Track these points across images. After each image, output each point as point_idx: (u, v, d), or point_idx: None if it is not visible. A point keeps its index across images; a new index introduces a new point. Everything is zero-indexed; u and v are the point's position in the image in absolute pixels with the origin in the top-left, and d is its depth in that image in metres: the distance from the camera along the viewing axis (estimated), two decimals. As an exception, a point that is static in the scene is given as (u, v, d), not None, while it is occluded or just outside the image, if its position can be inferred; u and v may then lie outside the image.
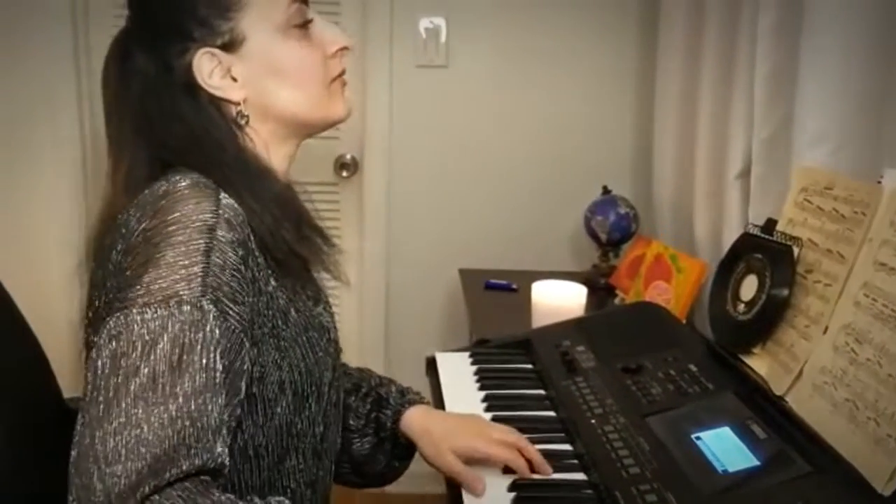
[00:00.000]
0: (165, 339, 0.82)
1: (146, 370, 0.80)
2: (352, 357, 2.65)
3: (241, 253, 0.92)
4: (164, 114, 1.00)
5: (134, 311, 0.83)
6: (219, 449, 0.81)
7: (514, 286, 2.18)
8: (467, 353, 1.49)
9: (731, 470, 1.02)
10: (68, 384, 1.29)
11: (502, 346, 1.52)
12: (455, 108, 2.46)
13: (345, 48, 1.08)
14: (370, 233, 2.54)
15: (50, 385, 1.26)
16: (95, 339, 0.86)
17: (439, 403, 1.34)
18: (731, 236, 1.59)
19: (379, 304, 2.60)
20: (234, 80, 1.01)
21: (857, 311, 1.05)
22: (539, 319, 1.70)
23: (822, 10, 1.37)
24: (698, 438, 1.09)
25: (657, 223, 2.24)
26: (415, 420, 1.20)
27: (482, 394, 1.32)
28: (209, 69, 1.00)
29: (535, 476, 1.08)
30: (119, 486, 0.75)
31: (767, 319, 1.21)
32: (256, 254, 0.96)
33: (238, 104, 1.02)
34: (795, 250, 1.22)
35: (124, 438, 0.77)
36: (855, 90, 1.38)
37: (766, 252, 1.27)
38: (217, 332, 0.86)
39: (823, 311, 1.12)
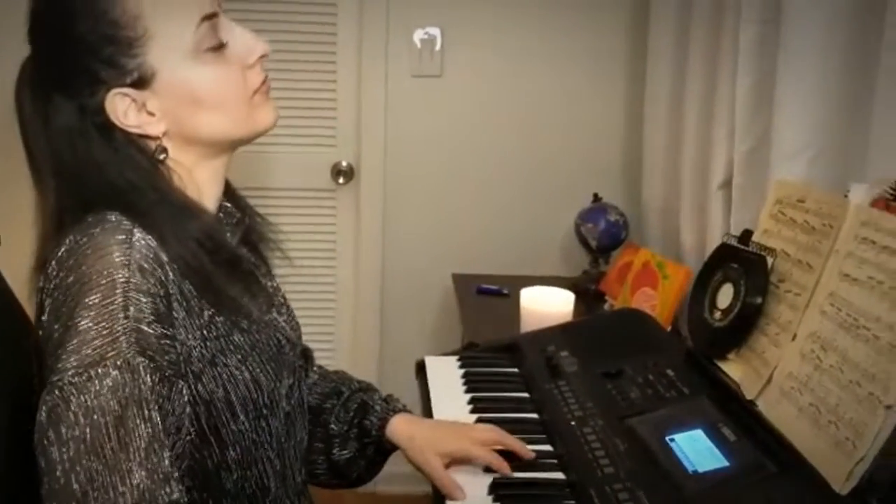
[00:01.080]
0: (102, 405, 0.82)
1: (92, 442, 0.81)
2: (346, 360, 2.72)
3: (161, 294, 0.91)
4: (78, 161, 0.98)
5: (66, 382, 0.83)
6: (176, 495, 0.83)
7: (506, 291, 2.23)
8: (455, 357, 1.53)
9: (700, 470, 1.06)
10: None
11: (490, 351, 1.57)
12: (449, 116, 2.51)
13: (263, 56, 1.04)
14: (366, 238, 2.59)
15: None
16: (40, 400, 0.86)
17: (427, 405, 1.39)
18: (713, 245, 1.62)
19: (374, 308, 2.64)
20: (151, 114, 0.99)
21: (822, 319, 1.11)
22: (527, 325, 1.74)
23: (798, 29, 1.43)
24: (672, 440, 1.14)
25: (646, 230, 2.29)
26: (400, 427, 1.23)
27: (468, 396, 1.37)
28: (123, 108, 0.97)
29: (516, 475, 1.13)
30: None
31: (741, 327, 1.26)
32: (181, 288, 0.96)
33: (158, 138, 1.00)
34: (769, 260, 1.27)
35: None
36: (830, 105, 1.44)
37: (741, 262, 1.31)
38: (149, 383, 0.86)
39: (793, 319, 1.17)
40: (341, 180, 2.58)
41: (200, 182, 1.05)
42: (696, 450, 1.11)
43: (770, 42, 1.54)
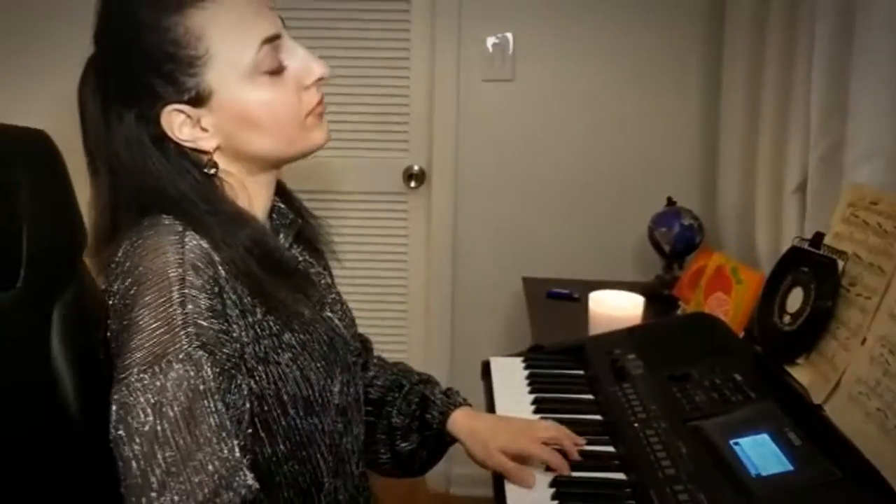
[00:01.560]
0: (169, 399, 0.86)
1: (164, 434, 0.85)
2: (418, 362, 2.75)
3: (215, 291, 0.95)
4: (134, 166, 1.02)
5: (133, 379, 0.88)
6: (249, 480, 0.87)
7: (576, 295, 2.22)
8: (520, 359, 1.55)
9: (764, 474, 1.05)
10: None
11: (555, 353, 1.58)
12: (520, 120, 2.53)
13: (321, 79, 1.06)
14: (437, 242, 2.62)
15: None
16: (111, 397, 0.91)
17: (491, 405, 1.41)
18: (788, 249, 1.62)
19: (445, 310, 2.67)
20: (205, 130, 1.02)
21: (892, 323, 1.08)
22: (596, 328, 1.74)
23: (873, 31, 1.40)
24: (736, 444, 1.13)
25: (721, 235, 2.26)
26: (461, 421, 1.26)
27: (532, 396, 1.39)
28: (178, 123, 1.01)
29: (577, 474, 1.14)
30: None
31: (811, 331, 1.24)
32: (234, 287, 0.99)
33: (210, 153, 1.04)
34: (840, 264, 1.25)
35: (168, 499, 0.83)
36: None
37: (812, 265, 1.30)
38: (211, 375, 0.90)
39: (863, 322, 1.15)
40: (413, 184, 2.61)
41: (251, 191, 1.08)
42: (760, 453, 1.10)
43: (845, 43, 1.51)
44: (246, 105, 1.01)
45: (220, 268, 0.98)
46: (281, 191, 1.19)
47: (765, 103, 1.91)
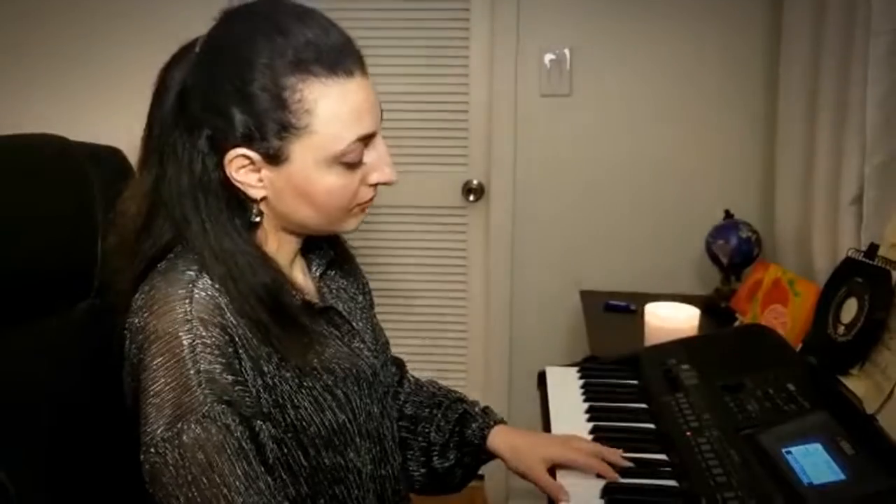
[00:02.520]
0: (195, 456, 0.91)
1: (195, 493, 0.90)
2: (477, 372, 2.79)
3: (225, 341, 0.96)
4: (184, 171, 1.01)
5: (157, 441, 0.92)
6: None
7: (633, 307, 2.24)
8: (576, 369, 1.58)
9: (816, 483, 1.06)
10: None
11: (610, 363, 1.60)
12: (577, 134, 2.55)
13: (385, 183, 1.07)
14: (495, 255, 2.65)
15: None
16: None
17: (546, 414, 1.43)
18: (845, 262, 1.61)
19: (504, 323, 2.70)
20: (261, 181, 1.01)
21: (945, 333, 1.09)
22: (651, 339, 1.75)
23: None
24: (788, 453, 1.14)
25: (779, 247, 2.25)
26: (501, 437, 1.28)
27: (586, 405, 1.41)
28: (239, 165, 1.00)
29: (628, 480, 1.17)
30: None
31: (865, 341, 1.24)
32: (247, 336, 0.99)
33: (256, 202, 1.03)
34: (894, 274, 1.25)
35: None
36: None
37: (866, 276, 1.30)
38: (232, 426, 0.93)
39: (916, 333, 1.15)
40: (472, 198, 2.65)
41: (280, 240, 1.09)
42: (812, 462, 1.10)
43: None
44: (310, 184, 1.01)
45: (229, 315, 0.98)
46: None
47: (821, 116, 1.91)
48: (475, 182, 2.65)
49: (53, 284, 1.22)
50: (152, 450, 0.92)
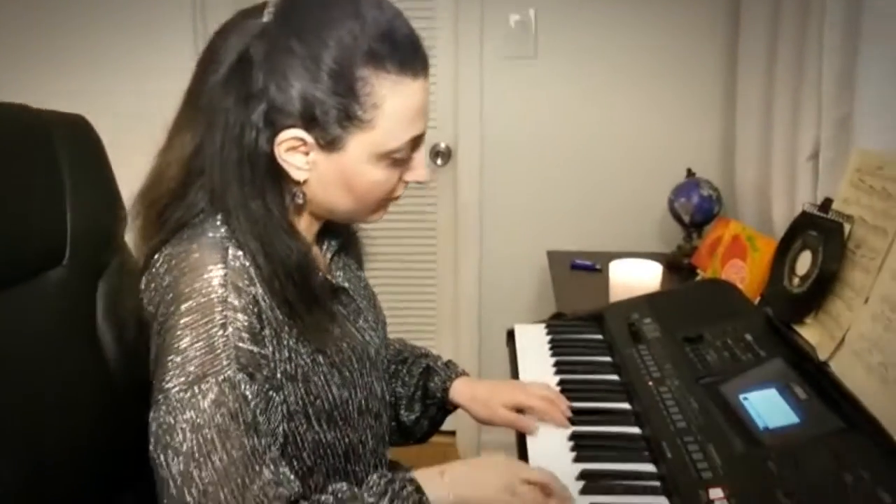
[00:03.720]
0: (207, 420, 0.89)
1: (201, 454, 0.88)
2: (448, 331, 2.83)
3: (254, 312, 0.97)
4: (232, 137, 0.99)
5: (172, 399, 0.90)
6: (286, 484, 0.92)
7: (598, 266, 2.28)
8: (543, 325, 1.62)
9: (771, 426, 1.11)
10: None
11: (576, 319, 1.65)
12: (543, 96, 2.57)
13: (418, 182, 1.10)
14: (464, 217, 2.68)
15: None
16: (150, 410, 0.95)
17: (515, 369, 1.47)
18: (802, 217, 1.66)
19: (472, 283, 2.74)
20: (305, 164, 1.02)
21: (893, 283, 1.13)
22: (616, 297, 1.80)
23: (881, 5, 1.44)
24: (745, 399, 1.19)
25: (739, 204, 2.31)
26: (461, 389, 1.34)
27: (553, 360, 1.45)
28: (290, 145, 1.00)
29: (593, 428, 1.21)
30: None
31: (818, 292, 1.29)
32: (272, 307, 1.00)
33: (297, 183, 1.04)
34: (847, 227, 1.29)
35: None
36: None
37: (820, 229, 1.34)
38: (249, 396, 0.92)
39: (866, 283, 1.20)
40: (440, 161, 2.68)
41: (310, 220, 1.11)
42: (768, 407, 1.16)
43: (855, 16, 1.55)
44: (357, 176, 1.03)
45: (259, 286, 0.99)
46: None
47: (779, 76, 1.95)
48: (443, 145, 2.67)
49: (23, 253, 1.23)
50: (164, 407, 0.91)
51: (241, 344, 0.94)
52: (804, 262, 1.35)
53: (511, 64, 2.56)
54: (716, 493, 0.99)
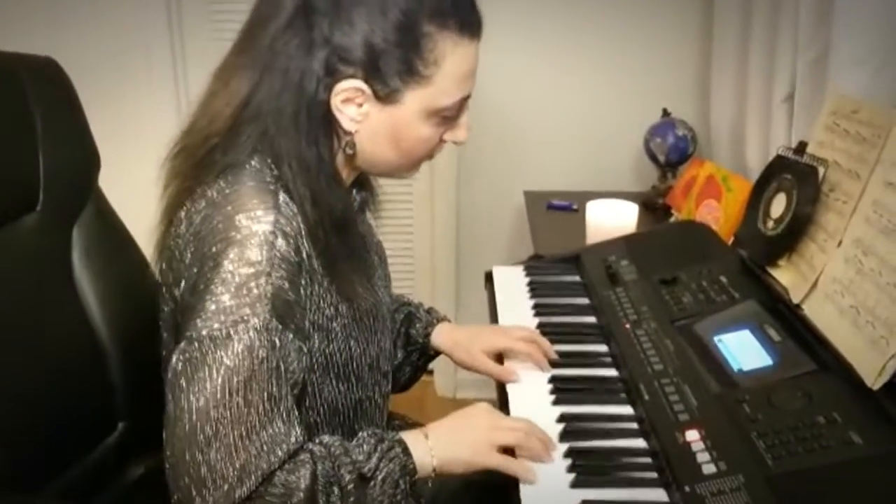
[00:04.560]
0: (237, 363, 0.90)
1: (223, 396, 0.90)
2: (426, 274, 2.84)
3: (296, 261, 0.98)
4: (293, 83, 1.00)
5: (205, 337, 0.91)
6: (292, 439, 0.94)
7: (575, 206, 2.29)
8: (521, 267, 1.63)
9: (745, 368, 1.14)
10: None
11: (554, 261, 1.66)
12: (518, 36, 2.54)
13: (456, 142, 1.13)
14: (440, 158, 2.63)
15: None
16: (173, 338, 1.00)
17: (494, 311, 1.49)
18: (776, 158, 1.67)
19: (450, 225, 2.73)
20: (358, 115, 1.03)
21: (866, 225, 1.15)
22: (593, 238, 1.82)
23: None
24: (720, 340, 1.22)
25: (714, 145, 2.32)
26: (443, 334, 1.36)
27: (532, 302, 1.47)
28: (347, 95, 1.01)
29: (572, 371, 1.24)
30: (215, 501, 0.89)
31: (792, 234, 1.31)
32: (311, 255, 1.02)
33: (349, 134, 1.05)
34: (821, 170, 1.30)
35: (214, 454, 0.89)
36: (889, 18, 1.44)
37: (794, 173, 1.35)
38: (278, 344, 0.94)
39: (839, 226, 1.21)
40: (415, 102, 2.64)
41: (350, 170, 1.11)
42: (742, 349, 1.18)
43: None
44: (408, 130, 1.05)
45: (303, 236, 1.00)
46: None
47: (755, 15, 1.94)
48: (418, 85, 2.63)
49: (-5, 198, 1.22)
50: (195, 344, 0.92)
51: (280, 293, 0.95)
52: (779, 204, 1.37)
53: (486, 4, 2.52)
54: (692, 434, 1.02)
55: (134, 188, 1.41)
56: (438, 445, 1.02)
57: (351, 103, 1.02)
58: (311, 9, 0.99)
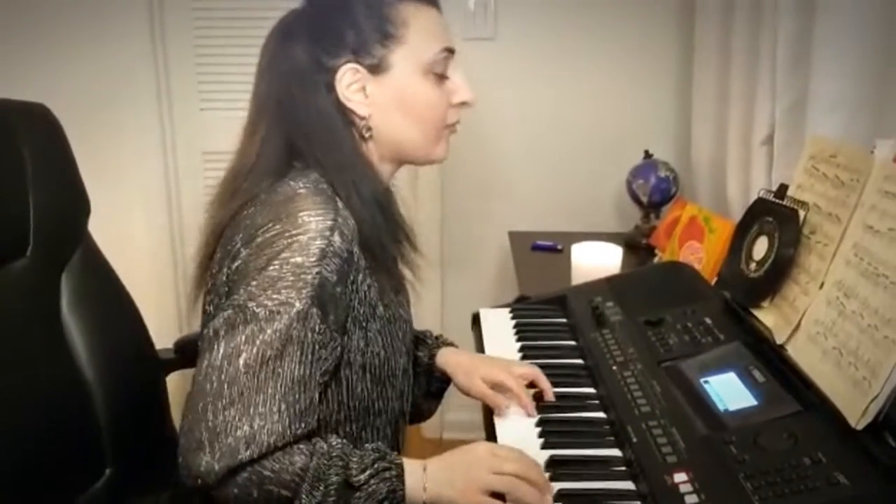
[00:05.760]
0: (273, 339, 0.99)
1: (252, 364, 0.98)
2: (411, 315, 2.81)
3: (347, 259, 1.06)
4: (305, 98, 1.13)
5: (251, 307, 1.00)
6: (302, 427, 1.00)
7: (559, 247, 2.32)
8: (508, 309, 1.64)
9: (731, 409, 1.16)
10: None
11: (540, 303, 1.67)
12: (502, 77, 2.58)
13: (466, 103, 1.22)
14: (425, 199, 2.68)
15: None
16: (213, 312, 1.06)
17: (481, 353, 1.50)
18: (757, 200, 1.70)
19: (435, 265, 2.74)
20: (367, 97, 1.15)
21: (847, 268, 1.18)
22: (578, 278, 1.83)
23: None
24: (706, 382, 1.23)
25: (695, 186, 2.35)
26: (448, 357, 1.40)
27: (519, 344, 1.48)
28: (349, 81, 1.13)
29: (561, 414, 1.25)
30: (220, 455, 0.95)
31: (775, 276, 1.33)
32: (358, 255, 1.10)
33: (363, 118, 1.16)
34: (801, 213, 1.33)
35: (233, 412, 0.96)
36: (866, 62, 1.49)
37: (776, 215, 1.38)
38: (317, 331, 1.03)
39: (821, 268, 1.24)
40: (400, 142, 2.66)
41: (380, 169, 1.21)
42: (728, 390, 1.20)
43: (808, 2, 1.59)
44: (410, 90, 1.15)
45: (356, 237, 1.09)
46: None
47: (735, 59, 1.98)
48: (403, 127, 2.66)
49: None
50: (239, 310, 1.00)
51: (327, 284, 1.04)
52: (761, 247, 1.39)
53: (470, 45, 2.56)
54: (680, 476, 1.02)
55: (121, 232, 1.42)
56: (433, 479, 1.04)
57: (356, 88, 1.14)
58: (294, 33, 1.15)
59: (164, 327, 1.98)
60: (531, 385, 1.31)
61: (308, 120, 1.13)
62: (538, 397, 1.29)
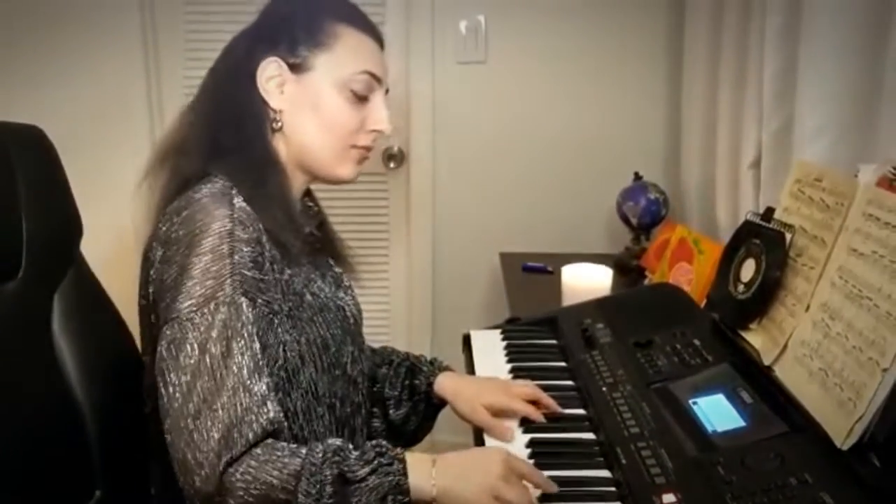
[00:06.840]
0: (213, 336, 1.04)
1: (205, 368, 1.03)
2: (402, 335, 2.85)
3: (255, 247, 1.12)
4: (231, 86, 1.21)
5: (183, 318, 1.05)
6: (272, 413, 1.04)
7: (550, 268, 2.33)
8: (499, 331, 1.65)
9: (719, 430, 1.17)
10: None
11: (531, 324, 1.68)
12: (494, 101, 2.61)
13: (379, 131, 1.27)
14: (416, 220, 2.70)
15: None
16: (156, 331, 1.10)
17: (471, 375, 1.51)
18: (745, 222, 1.72)
19: (426, 287, 2.77)
20: (282, 93, 1.21)
21: (832, 290, 1.19)
22: (568, 300, 1.85)
23: (817, 21, 1.52)
24: (695, 403, 1.24)
25: (685, 208, 2.37)
26: (446, 383, 1.40)
27: (509, 366, 1.49)
28: (270, 74, 1.20)
29: (551, 435, 1.25)
30: (208, 464, 1.00)
31: (762, 298, 1.34)
32: (268, 247, 1.15)
33: (276, 112, 1.22)
34: (788, 236, 1.35)
35: (203, 421, 1.01)
36: (850, 89, 1.51)
37: (763, 238, 1.40)
38: (251, 318, 1.08)
39: (807, 290, 1.25)
40: (392, 165, 2.69)
41: (293, 175, 1.26)
42: (717, 411, 1.21)
43: (793, 32, 1.62)
44: (324, 98, 1.21)
45: (259, 225, 1.14)
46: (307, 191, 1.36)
47: (722, 85, 2.02)
48: (395, 149, 2.69)
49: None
50: (176, 326, 1.06)
51: (245, 271, 1.09)
52: (748, 269, 1.41)
53: (462, 69, 2.59)
54: (668, 497, 1.03)
55: (113, 252, 1.43)
56: (443, 476, 1.05)
57: (273, 82, 1.20)
58: (242, 34, 1.25)
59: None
60: (532, 403, 1.31)
61: (227, 106, 1.21)
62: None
